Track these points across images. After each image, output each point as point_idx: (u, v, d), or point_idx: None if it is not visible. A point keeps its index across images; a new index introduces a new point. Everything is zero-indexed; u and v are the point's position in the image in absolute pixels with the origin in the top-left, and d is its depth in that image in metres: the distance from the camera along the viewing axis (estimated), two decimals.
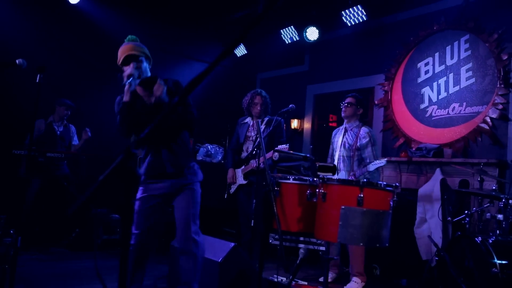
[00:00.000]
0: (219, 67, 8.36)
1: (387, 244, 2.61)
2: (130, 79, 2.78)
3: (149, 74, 2.97)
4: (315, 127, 7.57)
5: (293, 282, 4.26)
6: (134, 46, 2.90)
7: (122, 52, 2.88)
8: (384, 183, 2.62)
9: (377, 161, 4.13)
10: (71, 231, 5.36)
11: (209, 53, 7.96)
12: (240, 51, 7.91)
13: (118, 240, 5.64)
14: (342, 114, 4.60)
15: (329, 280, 4.62)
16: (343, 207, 2.48)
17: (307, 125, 7.64)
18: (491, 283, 3.19)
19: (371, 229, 2.50)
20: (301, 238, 5.14)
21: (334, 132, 4.81)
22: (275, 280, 4.10)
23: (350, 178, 4.33)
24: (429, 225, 4.47)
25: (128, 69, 2.82)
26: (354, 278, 4.28)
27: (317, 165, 2.68)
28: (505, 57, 5.16)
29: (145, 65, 2.92)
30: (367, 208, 2.48)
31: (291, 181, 2.93)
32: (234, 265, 3.66)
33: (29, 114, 3.17)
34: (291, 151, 3.21)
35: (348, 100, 4.58)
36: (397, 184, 2.65)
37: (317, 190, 2.74)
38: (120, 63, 2.89)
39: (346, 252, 4.53)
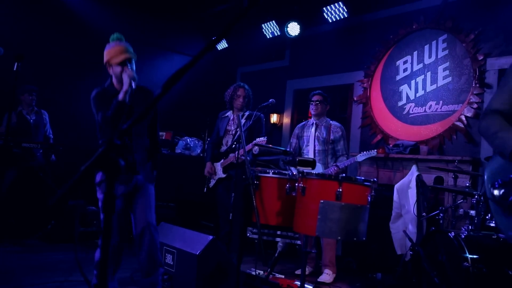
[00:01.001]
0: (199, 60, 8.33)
1: (364, 238, 2.66)
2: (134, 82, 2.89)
3: None
4: (294, 122, 7.61)
5: (271, 275, 4.30)
6: (127, 48, 2.97)
7: (119, 52, 2.93)
8: (362, 178, 2.66)
9: (366, 152, 4.34)
10: (47, 223, 5.28)
11: (190, 46, 7.92)
12: (221, 44, 7.89)
13: (94, 232, 5.59)
14: (313, 112, 4.79)
15: (306, 273, 4.68)
16: (322, 201, 2.52)
17: (286, 119, 7.69)
18: (462, 277, 3.28)
19: (349, 223, 2.54)
20: (279, 232, 5.19)
21: (300, 126, 4.95)
22: (253, 273, 4.13)
23: (332, 169, 4.44)
24: (404, 220, 4.56)
25: (128, 71, 2.88)
26: (326, 270, 4.41)
27: (297, 159, 2.71)
28: (480, 58, 5.28)
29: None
30: (345, 202, 2.53)
31: (270, 175, 2.95)
32: (212, 258, 3.67)
33: (3, 102, 3.11)
34: (271, 145, 3.23)
35: (317, 98, 4.77)
36: (375, 179, 2.70)
37: (296, 184, 2.77)
38: (117, 62, 2.92)
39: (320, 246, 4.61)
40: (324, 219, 2.49)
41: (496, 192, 2.07)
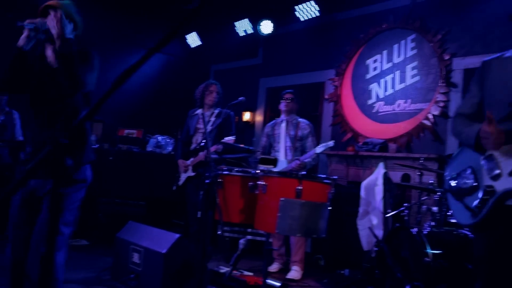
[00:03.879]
0: (172, 57, 8.31)
1: (324, 235, 2.70)
2: (32, 26, 2.42)
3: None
4: (267, 120, 7.63)
5: (239, 273, 4.32)
6: (58, 2, 2.57)
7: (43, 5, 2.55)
8: (323, 176, 2.70)
9: (324, 143, 4.39)
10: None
11: None
12: (195, 42, 7.88)
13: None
14: (284, 108, 4.89)
15: (275, 270, 4.73)
16: (282, 198, 2.54)
17: (259, 117, 7.71)
18: (424, 272, 3.36)
19: (308, 221, 2.58)
20: (250, 230, 5.23)
21: (270, 125, 5.05)
22: (221, 271, 4.14)
23: (294, 163, 4.49)
24: (371, 217, 4.64)
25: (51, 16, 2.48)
26: (294, 267, 4.47)
27: (259, 157, 2.73)
28: (447, 57, 5.39)
29: (66, 23, 2.52)
30: (305, 200, 2.56)
31: (233, 173, 2.97)
32: (179, 257, 3.68)
33: None
34: (234, 143, 3.25)
35: (288, 96, 4.91)
36: (335, 177, 2.74)
37: (258, 182, 2.79)
38: (38, 15, 2.52)
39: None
40: (284, 216, 2.52)
41: (453, 182, 2.28)
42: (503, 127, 2.06)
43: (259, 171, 2.85)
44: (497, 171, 2.06)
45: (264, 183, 2.69)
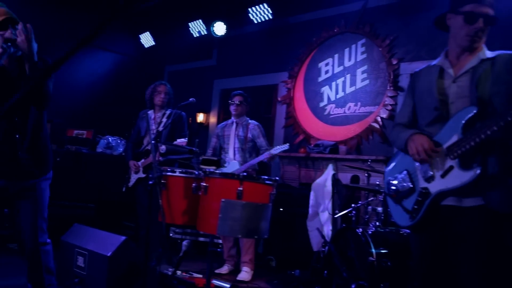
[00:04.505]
0: (125, 57, 8.16)
1: (266, 236, 2.71)
2: (9, 44, 2.43)
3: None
4: (220, 121, 7.59)
5: (188, 275, 4.30)
6: (9, 12, 2.57)
7: None
8: (265, 177, 2.71)
9: (279, 146, 4.43)
10: None
11: (115, 43, 7.71)
12: (148, 42, 7.76)
13: (5, 236, 5.31)
14: (234, 112, 4.91)
15: (225, 272, 4.73)
16: (223, 200, 2.54)
17: (213, 119, 7.69)
18: (368, 271, 3.43)
19: (250, 222, 2.58)
20: (202, 232, 5.19)
21: (220, 126, 5.08)
22: (170, 273, 4.09)
23: (245, 165, 4.52)
24: (321, 218, 4.70)
25: (6, 33, 2.48)
26: (245, 268, 4.47)
27: (201, 158, 2.72)
28: (395, 62, 5.55)
29: (34, 43, 2.54)
30: (246, 201, 2.56)
31: (177, 174, 2.94)
32: (124, 259, 3.60)
33: None
34: (176, 144, 3.22)
35: (238, 99, 4.89)
36: (277, 178, 2.76)
37: (201, 184, 2.78)
38: None
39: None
40: (225, 217, 2.51)
41: (392, 183, 2.37)
42: (431, 130, 2.20)
43: (202, 172, 2.84)
44: (431, 173, 2.14)
45: (205, 184, 2.68)
